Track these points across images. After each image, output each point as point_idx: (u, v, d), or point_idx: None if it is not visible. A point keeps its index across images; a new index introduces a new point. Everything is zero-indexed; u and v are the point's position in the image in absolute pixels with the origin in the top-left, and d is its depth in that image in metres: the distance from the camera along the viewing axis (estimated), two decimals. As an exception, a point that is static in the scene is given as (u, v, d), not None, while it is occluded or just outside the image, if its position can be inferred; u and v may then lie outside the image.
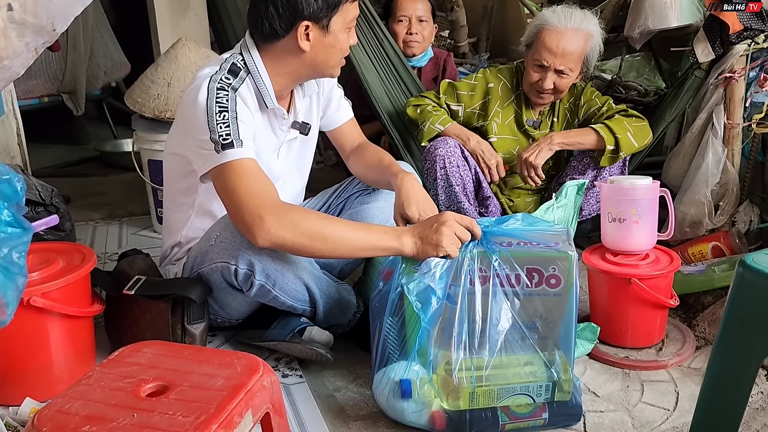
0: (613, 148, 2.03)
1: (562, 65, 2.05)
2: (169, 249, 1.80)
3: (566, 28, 2.04)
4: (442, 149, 2.07)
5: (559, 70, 2.06)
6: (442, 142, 2.09)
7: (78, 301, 1.51)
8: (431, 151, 2.09)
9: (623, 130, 2.03)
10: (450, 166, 2.07)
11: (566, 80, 2.09)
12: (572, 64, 2.06)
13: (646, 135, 2.09)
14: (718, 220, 2.16)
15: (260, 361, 1.04)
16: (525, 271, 1.35)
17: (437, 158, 2.07)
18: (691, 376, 1.62)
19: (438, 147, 2.08)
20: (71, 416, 0.92)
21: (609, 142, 2.02)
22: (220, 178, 1.46)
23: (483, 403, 1.35)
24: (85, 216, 2.96)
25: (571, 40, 2.04)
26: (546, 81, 2.07)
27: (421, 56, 2.70)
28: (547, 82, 2.07)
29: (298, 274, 1.58)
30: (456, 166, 2.08)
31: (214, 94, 1.48)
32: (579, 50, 2.06)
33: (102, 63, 4.15)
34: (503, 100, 2.23)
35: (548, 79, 2.07)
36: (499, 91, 2.22)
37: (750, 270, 0.97)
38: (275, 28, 1.52)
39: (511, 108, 2.23)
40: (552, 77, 2.07)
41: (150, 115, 2.41)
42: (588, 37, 2.07)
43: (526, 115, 2.22)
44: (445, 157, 2.07)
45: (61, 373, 1.50)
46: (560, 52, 2.04)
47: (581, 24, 2.06)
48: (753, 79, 2.13)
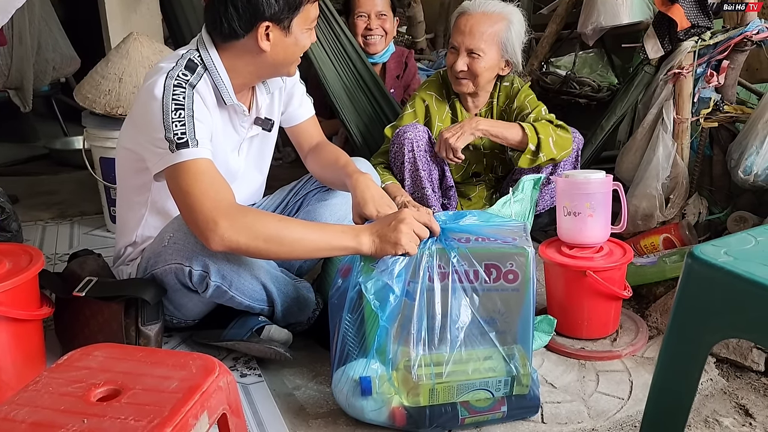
0: (534, 149, 2.02)
1: (472, 45, 2.05)
2: (122, 249, 1.76)
3: (477, 11, 2.07)
4: (411, 133, 2.07)
5: (470, 50, 2.06)
6: (411, 126, 2.09)
7: (25, 303, 1.46)
8: (400, 135, 2.09)
9: (547, 135, 2.03)
10: (418, 150, 2.07)
11: (479, 63, 2.07)
12: (483, 44, 2.05)
13: (566, 146, 2.08)
14: (668, 213, 2.22)
15: (216, 361, 1.02)
16: (483, 267, 1.36)
17: (406, 141, 2.07)
18: (645, 366, 1.66)
19: (407, 131, 2.08)
20: (17, 424, 0.89)
21: (532, 141, 2.01)
22: (174, 179, 1.43)
23: (443, 398, 1.36)
24: (34, 216, 2.87)
25: (481, 20, 2.05)
26: (458, 62, 2.07)
27: (383, 52, 2.69)
28: (459, 63, 2.07)
29: (255, 273, 1.56)
30: (424, 151, 2.09)
31: (170, 90, 1.44)
32: (490, 32, 2.05)
33: (50, 58, 4.01)
34: (440, 112, 2.23)
35: (460, 60, 2.07)
36: (434, 104, 2.23)
37: (698, 261, 0.99)
38: (234, 28, 1.49)
39: (447, 117, 2.24)
40: (464, 59, 2.07)
41: (101, 112, 2.34)
42: (502, 20, 2.06)
43: (462, 119, 2.21)
44: (414, 140, 2.07)
45: (9, 378, 1.45)
46: (468, 31, 2.05)
47: (495, 9, 2.08)
48: (700, 75, 2.19)
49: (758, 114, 2.03)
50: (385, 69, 2.77)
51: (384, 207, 1.55)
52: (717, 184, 2.26)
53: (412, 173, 2.11)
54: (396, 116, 2.50)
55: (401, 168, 2.11)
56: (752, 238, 1.07)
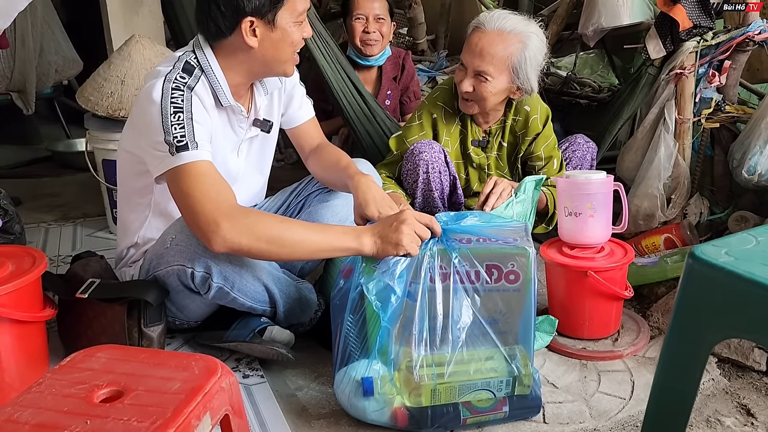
0: (549, 218, 2.01)
1: (480, 67, 1.87)
2: (124, 250, 1.76)
3: (493, 29, 1.88)
4: (427, 154, 1.97)
5: (478, 72, 1.88)
6: (427, 146, 1.99)
7: (28, 305, 1.47)
8: (415, 154, 1.98)
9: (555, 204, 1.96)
10: (433, 172, 1.99)
11: (486, 87, 1.89)
12: (492, 68, 1.87)
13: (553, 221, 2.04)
14: (670, 213, 2.22)
15: (218, 362, 1.03)
16: (484, 268, 1.36)
17: (421, 162, 1.97)
18: (646, 365, 1.66)
19: (423, 151, 1.97)
20: (21, 425, 0.89)
21: (550, 207, 1.99)
22: (174, 181, 1.43)
23: (444, 399, 1.36)
24: (37, 218, 2.88)
25: (494, 41, 1.86)
26: (464, 83, 1.92)
27: (379, 55, 2.70)
28: (464, 84, 1.91)
29: (257, 275, 1.56)
30: (438, 172, 2.00)
31: (169, 94, 1.45)
32: (502, 55, 1.86)
33: (53, 60, 4.02)
34: (449, 126, 2.08)
35: (466, 80, 1.91)
36: (443, 118, 2.08)
37: (699, 261, 0.99)
38: (220, 27, 1.50)
39: (456, 131, 2.10)
40: (471, 80, 1.91)
41: (103, 114, 2.35)
42: (517, 43, 1.86)
43: (471, 135, 2.09)
44: (429, 162, 1.97)
45: (13, 380, 1.45)
46: (478, 52, 1.87)
47: (512, 28, 1.87)
48: (702, 75, 2.19)
49: (761, 114, 2.03)
50: (381, 72, 2.78)
51: (385, 208, 1.55)
52: (718, 184, 2.26)
53: (424, 192, 2.04)
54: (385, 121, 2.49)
55: (413, 186, 2.03)
56: (753, 238, 1.07)
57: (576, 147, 2.15)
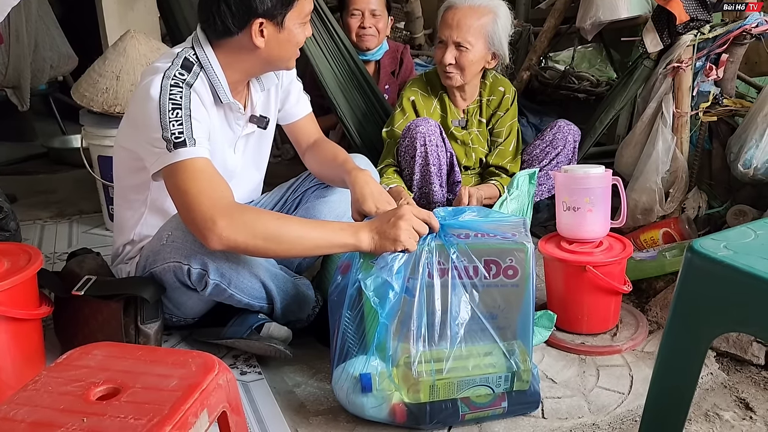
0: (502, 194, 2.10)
1: (459, 37, 2.05)
2: (121, 247, 1.76)
3: (463, 5, 2.08)
4: (424, 127, 2.06)
5: (457, 43, 2.06)
6: (423, 120, 2.08)
7: (24, 303, 1.46)
8: (412, 128, 2.07)
9: None
10: (430, 145, 2.06)
11: (467, 55, 2.07)
12: (470, 37, 2.06)
13: None
14: (668, 207, 2.22)
15: (215, 359, 1.02)
16: (483, 263, 1.36)
17: (418, 135, 2.05)
18: (645, 360, 1.65)
19: (419, 124, 2.07)
20: (17, 423, 0.89)
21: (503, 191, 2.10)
22: (171, 178, 1.42)
23: (443, 395, 1.36)
24: (33, 215, 2.86)
25: (467, 14, 2.06)
26: (446, 55, 2.08)
27: (376, 50, 2.68)
28: (447, 56, 2.08)
29: (254, 271, 1.55)
30: (435, 146, 2.08)
31: (167, 90, 1.44)
32: (477, 25, 2.06)
33: (48, 56, 4.00)
34: (427, 107, 2.23)
35: (448, 53, 2.08)
36: (420, 100, 2.22)
37: (698, 255, 0.99)
38: (228, 26, 1.49)
39: (436, 112, 2.24)
40: (452, 52, 2.08)
41: (99, 110, 2.34)
42: (488, 14, 2.07)
43: (451, 116, 2.23)
44: (426, 134, 2.06)
45: (8, 378, 1.45)
46: (455, 24, 2.06)
47: (481, 2, 2.08)
48: (699, 68, 2.18)
49: (758, 107, 2.03)
50: (380, 66, 2.77)
51: (383, 203, 1.54)
52: (716, 178, 2.26)
53: (422, 167, 2.10)
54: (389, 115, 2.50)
55: (411, 162, 2.10)
56: (752, 232, 1.06)
57: (557, 130, 2.23)
